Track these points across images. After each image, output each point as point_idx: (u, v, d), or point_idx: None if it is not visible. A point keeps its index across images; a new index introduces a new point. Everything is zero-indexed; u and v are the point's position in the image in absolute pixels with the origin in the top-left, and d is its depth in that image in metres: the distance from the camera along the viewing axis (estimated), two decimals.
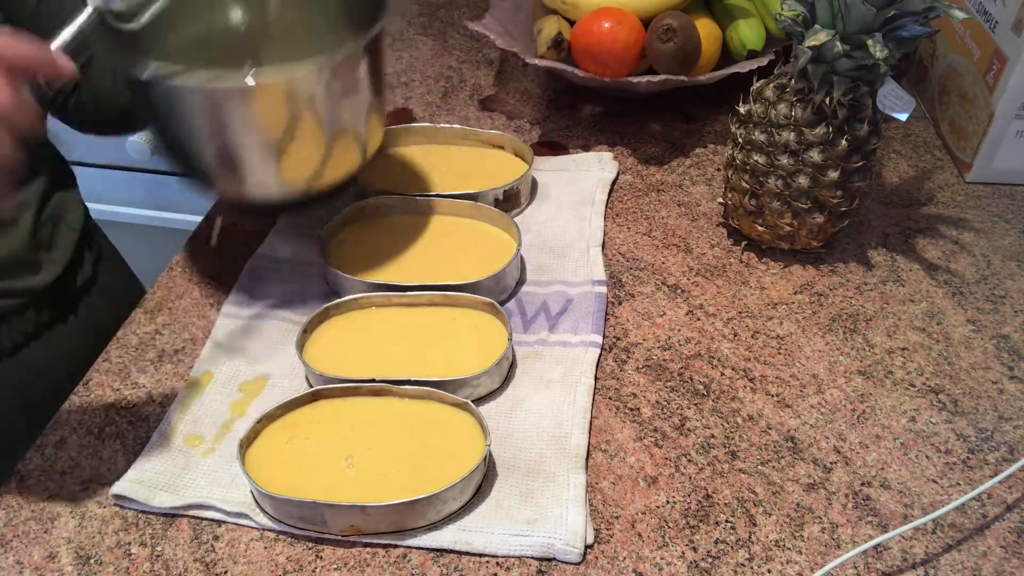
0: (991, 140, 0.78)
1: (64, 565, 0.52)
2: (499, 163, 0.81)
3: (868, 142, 0.66)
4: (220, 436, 0.58)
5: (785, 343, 0.65)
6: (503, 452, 0.57)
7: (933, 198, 0.79)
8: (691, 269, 0.72)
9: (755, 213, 0.71)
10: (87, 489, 0.56)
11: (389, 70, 1.02)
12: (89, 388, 0.63)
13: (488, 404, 0.60)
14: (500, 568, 0.51)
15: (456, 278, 0.67)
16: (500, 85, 0.98)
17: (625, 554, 0.52)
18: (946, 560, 0.51)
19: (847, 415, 0.60)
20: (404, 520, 0.52)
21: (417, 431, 0.56)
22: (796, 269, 0.72)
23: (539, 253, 0.73)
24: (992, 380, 0.62)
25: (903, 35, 0.60)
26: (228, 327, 0.66)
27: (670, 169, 0.84)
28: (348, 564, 0.52)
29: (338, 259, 0.70)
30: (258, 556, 0.52)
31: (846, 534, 0.53)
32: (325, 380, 0.59)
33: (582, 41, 0.82)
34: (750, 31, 0.86)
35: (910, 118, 0.75)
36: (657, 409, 0.60)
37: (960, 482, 0.55)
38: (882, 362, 0.64)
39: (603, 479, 0.56)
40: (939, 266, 0.72)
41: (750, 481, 0.56)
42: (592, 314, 0.66)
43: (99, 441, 0.59)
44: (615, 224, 0.77)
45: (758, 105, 0.68)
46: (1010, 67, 0.74)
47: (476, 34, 1.07)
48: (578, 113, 0.92)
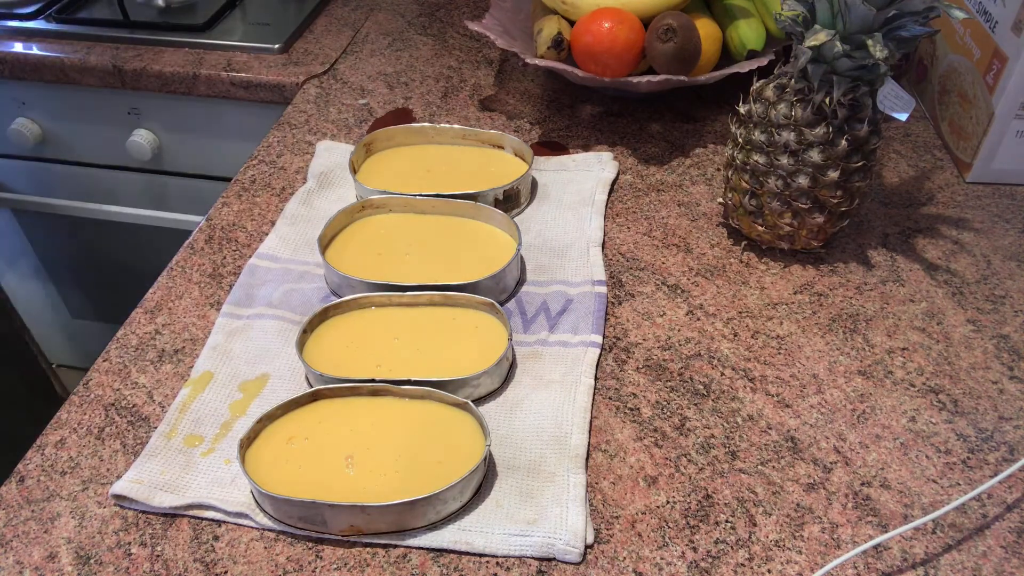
0: (991, 140, 0.78)
1: (64, 565, 0.52)
2: (499, 163, 0.81)
3: (868, 142, 0.66)
4: (220, 436, 0.58)
5: (785, 343, 0.65)
6: (503, 452, 0.57)
7: (933, 198, 0.79)
8: (691, 269, 0.72)
9: (755, 213, 0.71)
10: (87, 489, 0.56)
11: (389, 70, 1.02)
12: (89, 388, 0.63)
13: (488, 404, 0.60)
14: (500, 568, 0.51)
15: (456, 278, 0.67)
16: (500, 85, 0.98)
17: (625, 554, 0.52)
18: (946, 560, 0.51)
19: (847, 415, 0.60)
20: (404, 520, 0.52)
21: (417, 431, 0.56)
22: (796, 269, 0.72)
23: (539, 253, 0.73)
24: (992, 380, 0.62)
25: (903, 35, 0.60)
26: (228, 327, 0.66)
27: (670, 169, 0.84)
28: (348, 564, 0.52)
29: (338, 259, 0.70)
30: (258, 556, 0.52)
31: (846, 534, 0.53)
32: (325, 380, 0.59)
33: (582, 41, 0.82)
34: (750, 31, 0.86)
35: (910, 118, 0.75)
36: (657, 409, 0.60)
37: (960, 482, 0.55)
38: (882, 362, 0.64)
39: (603, 479, 0.56)
40: (939, 266, 0.72)
41: (750, 481, 0.56)
42: (592, 314, 0.66)
43: (99, 441, 0.59)
44: (615, 224, 0.77)
45: (758, 105, 0.68)
46: (1010, 67, 0.74)
47: (476, 34, 1.08)
48: (578, 113, 0.92)
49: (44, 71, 1.08)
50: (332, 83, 1.00)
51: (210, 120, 1.11)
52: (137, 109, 1.11)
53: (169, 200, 1.22)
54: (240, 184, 0.84)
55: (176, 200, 1.22)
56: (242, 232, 0.77)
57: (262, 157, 0.88)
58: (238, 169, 0.87)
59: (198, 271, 0.73)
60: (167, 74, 1.04)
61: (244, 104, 1.07)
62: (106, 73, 1.06)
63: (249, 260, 0.73)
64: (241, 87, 1.03)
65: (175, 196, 1.22)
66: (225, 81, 1.03)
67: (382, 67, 1.03)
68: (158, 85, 1.05)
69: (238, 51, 1.07)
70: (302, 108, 0.96)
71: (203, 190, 1.19)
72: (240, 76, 1.02)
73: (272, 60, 1.05)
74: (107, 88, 1.08)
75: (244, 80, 1.02)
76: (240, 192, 0.83)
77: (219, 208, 0.81)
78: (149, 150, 1.13)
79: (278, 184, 0.84)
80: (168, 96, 1.09)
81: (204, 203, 1.19)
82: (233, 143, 1.12)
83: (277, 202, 0.81)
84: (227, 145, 1.13)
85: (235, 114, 1.09)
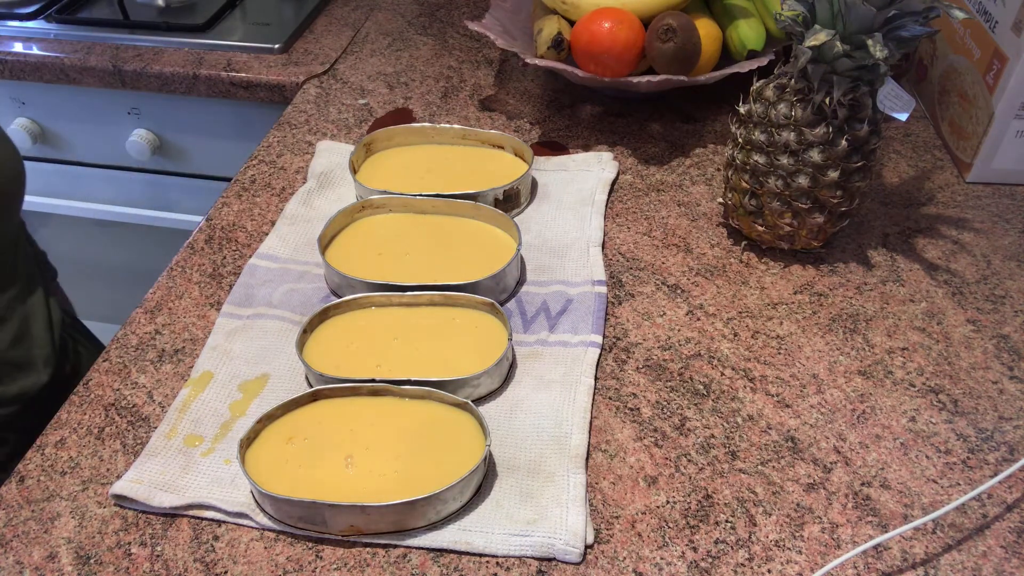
0: (991, 140, 0.78)
1: (64, 565, 0.52)
2: (499, 163, 0.81)
3: (868, 142, 0.66)
4: (220, 436, 0.58)
5: (785, 343, 0.65)
6: (503, 452, 0.57)
7: (933, 198, 0.79)
8: (691, 269, 0.72)
9: (755, 213, 0.71)
10: (87, 489, 0.56)
11: (389, 70, 1.02)
12: (89, 388, 0.63)
13: (488, 404, 0.60)
14: (500, 568, 0.51)
15: (456, 278, 0.67)
16: (500, 85, 0.98)
17: (625, 554, 0.52)
18: (946, 560, 0.51)
19: (847, 415, 0.60)
20: (404, 520, 0.52)
21: (417, 431, 0.56)
22: (796, 269, 0.72)
23: (539, 253, 0.73)
24: (992, 380, 0.62)
25: (903, 35, 0.60)
26: (228, 327, 0.66)
27: (670, 169, 0.84)
28: (348, 564, 0.52)
29: (338, 259, 0.70)
30: (258, 556, 0.52)
31: (846, 534, 0.53)
32: (325, 380, 0.59)
33: (582, 41, 0.82)
34: (750, 31, 0.86)
35: (910, 118, 0.75)
36: (657, 409, 0.60)
37: (960, 482, 0.55)
38: (882, 362, 0.64)
39: (603, 479, 0.56)
40: (939, 266, 0.72)
41: (750, 481, 0.56)
42: (592, 314, 0.66)
43: (99, 441, 0.59)
44: (615, 224, 0.77)
45: (758, 105, 0.68)
46: (1010, 67, 0.74)
47: (476, 34, 1.08)
48: (578, 113, 0.92)
49: (44, 71, 1.08)
50: (332, 83, 1.00)
51: (210, 120, 1.11)
52: (137, 109, 1.11)
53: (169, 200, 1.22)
54: (240, 184, 0.84)
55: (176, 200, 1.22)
56: (242, 232, 0.77)
57: (262, 157, 0.88)
58: (238, 169, 0.87)
59: (198, 271, 0.73)
60: (167, 74, 1.04)
61: (244, 104, 1.07)
62: (106, 73, 1.06)
63: (249, 260, 0.73)
64: (241, 87, 1.03)
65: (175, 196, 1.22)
66: (225, 81, 1.03)
67: (382, 67, 1.03)
68: (158, 85, 1.05)
69: (238, 51, 1.07)
70: (302, 108, 0.96)
71: (203, 190, 1.19)
72: (240, 76, 1.02)
73: (272, 60, 1.05)
74: (107, 88, 1.08)
75: (244, 80, 1.02)
76: (240, 192, 0.83)
77: (219, 208, 0.81)
78: (149, 150, 1.13)
79: (278, 184, 0.84)
80: (168, 96, 1.08)
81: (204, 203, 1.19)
82: (233, 143, 1.12)
83: (277, 202, 0.81)
84: (227, 145, 1.13)
85: (235, 114, 1.09)
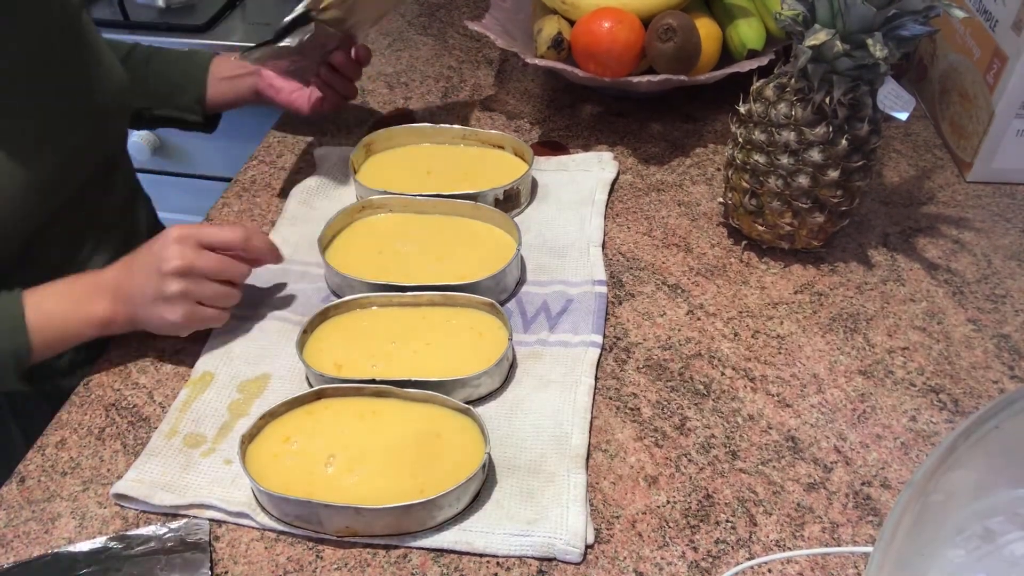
0: (991, 139, 0.78)
1: None
2: (499, 163, 0.81)
3: (868, 141, 0.66)
4: (220, 436, 0.58)
5: (785, 343, 0.65)
6: (504, 452, 0.57)
7: (933, 197, 0.79)
8: (691, 269, 0.72)
9: (755, 213, 0.71)
10: (88, 489, 0.56)
11: (389, 70, 1.02)
12: (89, 388, 0.63)
13: (488, 404, 0.60)
14: (500, 568, 0.51)
15: (456, 278, 0.67)
16: (500, 85, 0.98)
17: (625, 554, 0.52)
18: None
19: (847, 415, 0.60)
20: (400, 524, 0.52)
21: (417, 435, 0.56)
22: (796, 269, 0.72)
23: (539, 253, 0.73)
24: (992, 380, 0.62)
25: (903, 34, 0.60)
26: (228, 327, 0.66)
27: (670, 169, 0.84)
28: (348, 564, 0.52)
29: (338, 259, 0.70)
30: (258, 556, 0.52)
31: (846, 534, 0.52)
32: (325, 380, 0.59)
33: (582, 41, 0.82)
34: (750, 31, 0.86)
35: (910, 117, 0.75)
36: (657, 409, 0.60)
37: None
38: (882, 362, 0.64)
39: (603, 479, 0.56)
40: (939, 265, 0.72)
41: (750, 481, 0.56)
42: (592, 314, 0.66)
43: (99, 441, 0.59)
44: (615, 224, 0.77)
45: (758, 105, 0.67)
46: (1010, 66, 0.74)
47: (476, 34, 1.07)
48: (578, 113, 0.92)
49: None
50: None
51: None
52: None
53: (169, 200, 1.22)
54: (240, 184, 0.84)
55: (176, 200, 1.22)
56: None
57: (262, 157, 0.88)
58: (238, 169, 0.87)
59: None
60: None
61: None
62: None
63: None
64: None
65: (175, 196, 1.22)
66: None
67: (382, 67, 1.03)
68: None
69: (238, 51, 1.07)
70: None
71: (203, 190, 1.19)
72: None
73: None
74: None
75: None
76: (240, 192, 0.83)
77: (219, 208, 0.81)
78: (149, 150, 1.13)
79: (278, 184, 0.84)
80: None
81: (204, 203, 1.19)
82: (233, 143, 1.12)
83: (277, 202, 0.81)
84: (227, 145, 1.13)
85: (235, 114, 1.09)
